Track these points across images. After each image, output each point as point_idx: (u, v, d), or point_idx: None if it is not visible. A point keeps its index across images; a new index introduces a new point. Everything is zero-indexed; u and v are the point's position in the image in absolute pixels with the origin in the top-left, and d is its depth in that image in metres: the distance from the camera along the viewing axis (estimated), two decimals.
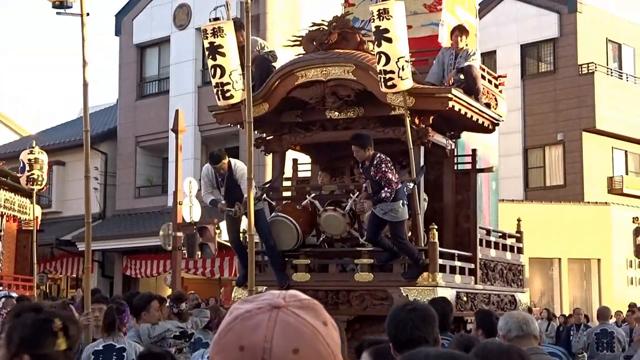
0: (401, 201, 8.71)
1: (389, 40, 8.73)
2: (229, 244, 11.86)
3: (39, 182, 14.29)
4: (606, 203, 25.84)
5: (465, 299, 9.68)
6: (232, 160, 9.64)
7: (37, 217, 15.86)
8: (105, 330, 6.54)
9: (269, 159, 11.70)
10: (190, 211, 17.94)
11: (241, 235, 10.05)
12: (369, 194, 8.87)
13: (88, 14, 7.20)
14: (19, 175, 15.04)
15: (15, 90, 73.06)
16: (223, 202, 9.62)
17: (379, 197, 8.61)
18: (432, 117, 9.58)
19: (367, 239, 9.18)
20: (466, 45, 10.32)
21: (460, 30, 10.39)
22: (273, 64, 10.18)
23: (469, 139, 11.76)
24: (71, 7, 7.20)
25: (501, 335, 4.37)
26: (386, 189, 8.55)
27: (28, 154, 14.31)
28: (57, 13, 7.20)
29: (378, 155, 8.69)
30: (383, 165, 8.60)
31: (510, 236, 11.98)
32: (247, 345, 1.32)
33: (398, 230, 8.84)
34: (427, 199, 9.99)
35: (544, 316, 19.87)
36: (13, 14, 78.03)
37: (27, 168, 14.11)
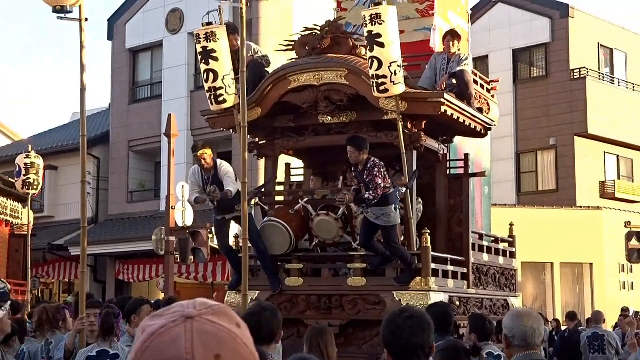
0: (393, 205, 8.72)
1: (382, 45, 8.75)
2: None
3: (35, 187, 14.29)
4: (598, 207, 25.89)
5: (458, 303, 9.70)
6: (219, 160, 9.64)
7: (29, 222, 15.80)
8: (102, 334, 6.52)
9: (261, 163, 11.71)
10: (183, 216, 17.90)
11: (232, 240, 10.06)
12: (353, 190, 8.88)
13: (87, 19, 7.22)
14: (15, 179, 15.02)
15: (7, 94, 72.90)
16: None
17: (362, 197, 8.63)
18: (424, 122, 9.60)
19: (361, 244, 9.19)
20: (458, 50, 10.35)
21: (452, 35, 10.42)
22: (266, 68, 10.19)
23: (461, 143, 11.78)
24: (71, 12, 7.23)
25: (504, 334, 4.33)
26: (370, 192, 8.55)
27: (24, 158, 14.30)
28: (58, 18, 7.22)
29: (372, 159, 8.70)
30: (375, 170, 8.62)
31: (503, 240, 12.01)
32: (168, 359, 1.30)
33: (391, 234, 8.85)
34: (421, 202, 10.00)
35: None
36: (3, 16, 77.93)
37: (24, 172, 14.10)
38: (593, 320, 13.45)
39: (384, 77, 8.77)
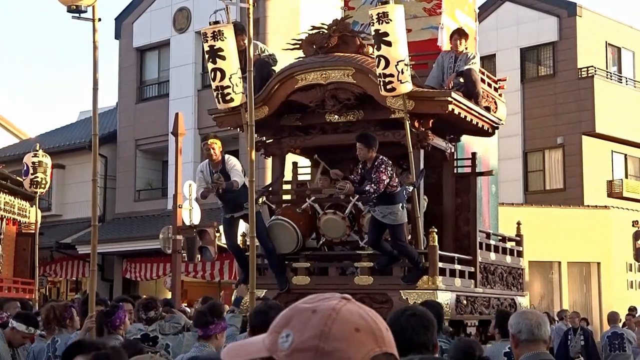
0: (400, 204, 8.72)
1: (389, 43, 8.74)
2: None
3: (43, 185, 14.29)
4: (606, 207, 25.81)
5: (465, 302, 9.69)
6: (227, 155, 9.62)
7: (36, 220, 15.83)
8: (97, 334, 6.54)
9: (268, 162, 11.71)
10: (190, 214, 17.92)
11: (239, 238, 10.06)
12: (353, 181, 8.85)
13: (100, 20, 7.26)
14: (22, 178, 15.03)
15: (14, 92, 73.09)
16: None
17: (362, 188, 8.62)
18: (431, 121, 9.59)
19: (369, 244, 9.18)
20: (466, 48, 10.33)
21: (459, 34, 10.40)
22: (273, 67, 10.19)
23: (468, 142, 11.76)
24: (86, 12, 7.28)
25: (511, 334, 4.35)
26: (372, 185, 8.53)
27: (32, 157, 14.30)
28: (73, 17, 7.27)
29: (381, 157, 8.70)
30: (382, 167, 8.61)
31: (510, 239, 11.99)
32: (360, 327, 1.40)
33: (398, 233, 8.85)
34: (426, 198, 9.99)
35: None
36: (10, 16, 78.07)
37: (31, 171, 14.10)
38: (612, 321, 14.04)
39: (391, 75, 8.77)
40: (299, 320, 1.41)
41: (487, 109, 10.64)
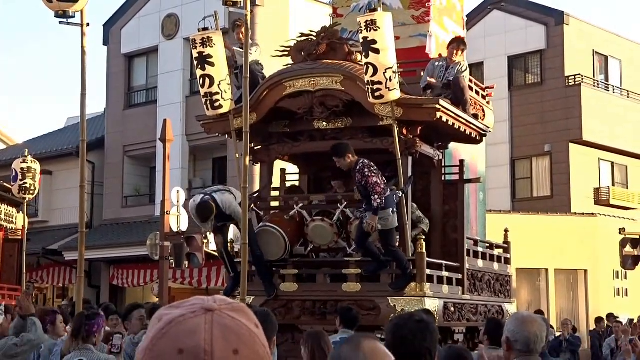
0: (391, 209, 8.73)
1: (377, 51, 8.76)
2: (216, 254, 11.86)
3: (31, 192, 14.22)
4: (593, 214, 25.90)
5: (452, 309, 9.70)
6: (218, 200, 9.43)
7: (23, 226, 15.76)
8: (72, 335, 6.45)
9: (256, 169, 11.72)
10: (178, 221, 17.88)
11: (228, 245, 10.05)
12: (364, 209, 8.84)
13: (88, 24, 7.25)
14: (11, 184, 14.95)
15: (1, 98, 72.80)
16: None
17: (372, 207, 8.61)
18: (420, 128, 9.61)
19: (356, 245, 9.18)
20: (461, 58, 10.34)
21: (458, 43, 10.40)
22: (258, 67, 10.17)
23: (456, 149, 11.80)
24: (73, 17, 7.25)
25: (506, 336, 4.33)
26: (375, 196, 8.54)
27: (21, 162, 14.23)
28: (60, 22, 7.24)
29: (361, 161, 8.71)
30: (366, 170, 8.62)
31: (498, 247, 12.02)
32: (186, 348, 1.28)
33: (388, 237, 8.86)
34: (428, 223, 10.03)
35: None
36: None
37: (20, 177, 14.02)
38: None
39: (379, 83, 8.78)
40: (150, 326, 1.35)
41: (475, 116, 10.67)
